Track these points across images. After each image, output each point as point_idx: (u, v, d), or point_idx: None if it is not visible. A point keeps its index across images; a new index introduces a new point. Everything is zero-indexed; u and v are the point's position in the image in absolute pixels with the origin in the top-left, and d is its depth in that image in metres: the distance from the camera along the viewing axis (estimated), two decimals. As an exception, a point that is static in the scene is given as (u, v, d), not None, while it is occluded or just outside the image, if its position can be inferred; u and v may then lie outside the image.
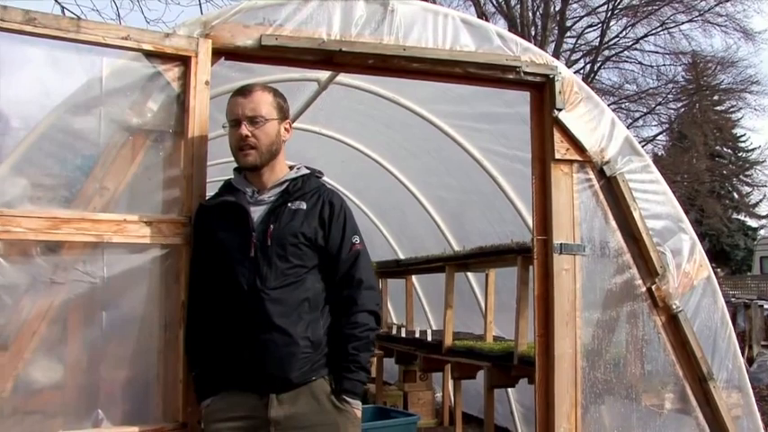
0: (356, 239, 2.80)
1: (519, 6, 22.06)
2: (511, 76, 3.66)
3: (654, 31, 22.94)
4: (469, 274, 6.85)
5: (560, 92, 3.69)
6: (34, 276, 2.81)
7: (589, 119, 3.77)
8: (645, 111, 24.10)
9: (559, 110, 3.68)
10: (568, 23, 22.77)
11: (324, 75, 4.93)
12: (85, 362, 2.92)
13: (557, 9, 22.49)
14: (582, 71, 22.29)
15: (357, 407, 2.74)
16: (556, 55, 19.10)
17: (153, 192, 3.01)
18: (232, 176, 2.91)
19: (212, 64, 3.08)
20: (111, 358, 2.96)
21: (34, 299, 2.80)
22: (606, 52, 23.14)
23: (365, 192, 8.16)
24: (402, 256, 8.09)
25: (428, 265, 6.73)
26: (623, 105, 23.19)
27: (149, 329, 2.97)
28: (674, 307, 3.77)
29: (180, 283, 2.93)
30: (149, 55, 2.99)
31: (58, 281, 2.83)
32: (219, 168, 4.95)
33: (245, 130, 2.74)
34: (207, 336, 2.75)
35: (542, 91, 3.76)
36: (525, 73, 3.65)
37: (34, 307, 2.79)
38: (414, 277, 7.78)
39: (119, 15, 8.33)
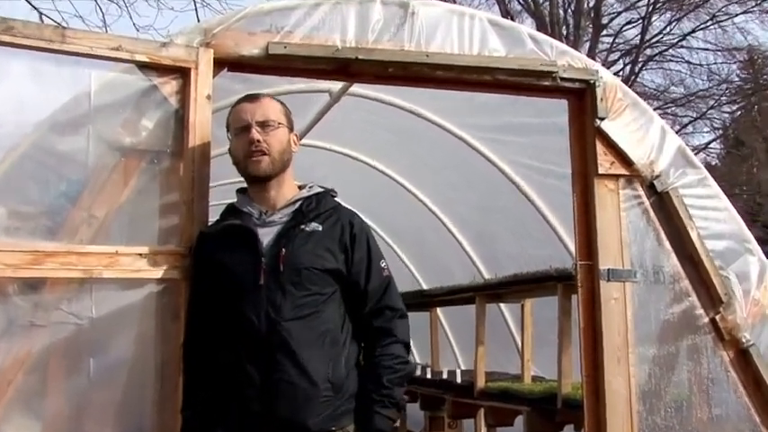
0: (383, 264, 2.81)
1: (548, 3, 22.05)
2: (546, 83, 3.66)
3: (703, 26, 22.76)
4: (502, 305, 6.80)
5: (602, 99, 3.68)
6: (11, 319, 2.81)
7: (636, 128, 3.75)
8: (695, 115, 23.94)
9: (602, 119, 3.66)
10: (604, 20, 22.73)
11: (335, 85, 4.94)
12: (68, 416, 2.89)
13: (590, 5, 22.44)
14: (621, 73, 22.20)
15: None
16: (591, 56, 19.08)
17: (148, 220, 3.02)
18: (235, 199, 2.90)
19: (214, 76, 3.10)
20: (98, 411, 2.95)
21: (10, 345, 2.79)
22: (648, 51, 23.03)
23: (381, 213, 8.12)
24: (425, 286, 8.05)
25: (455, 295, 6.66)
26: (669, 110, 23.06)
27: (143, 377, 2.96)
28: (744, 340, 3.70)
29: (179, 323, 2.91)
30: (144, 67, 3.01)
31: (39, 323, 2.82)
32: (221, 191, 4.93)
33: (256, 134, 2.75)
34: (206, 376, 2.71)
35: (582, 98, 3.75)
36: (562, 79, 3.65)
37: (10, 354, 2.77)
38: (439, 310, 7.72)
39: (105, 22, 8.45)
